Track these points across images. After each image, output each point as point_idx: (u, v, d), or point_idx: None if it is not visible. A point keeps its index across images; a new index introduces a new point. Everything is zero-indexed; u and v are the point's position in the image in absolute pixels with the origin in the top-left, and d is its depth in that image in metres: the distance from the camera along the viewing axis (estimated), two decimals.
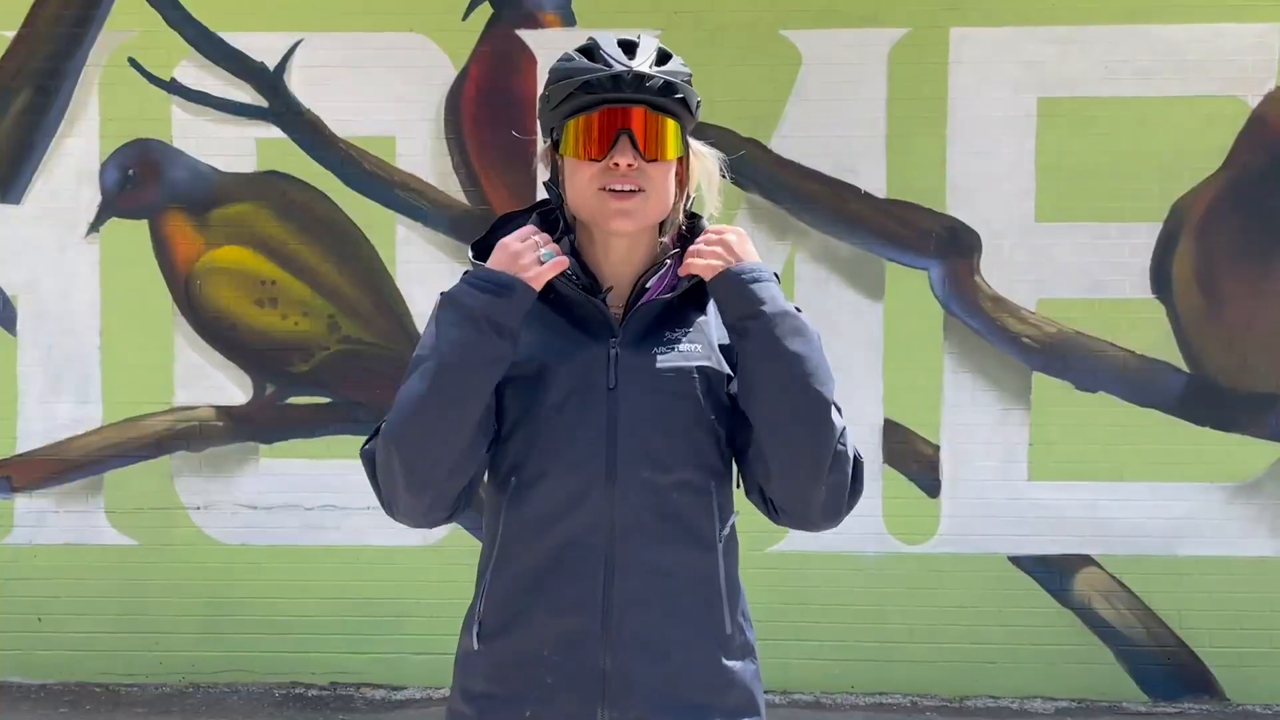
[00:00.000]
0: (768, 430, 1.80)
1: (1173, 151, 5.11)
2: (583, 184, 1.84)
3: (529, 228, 1.82)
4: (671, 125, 1.83)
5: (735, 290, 1.80)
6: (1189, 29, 5.08)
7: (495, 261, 1.79)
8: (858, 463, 1.86)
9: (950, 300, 5.18)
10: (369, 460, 1.85)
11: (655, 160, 1.82)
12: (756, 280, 1.80)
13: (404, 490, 1.80)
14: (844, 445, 1.82)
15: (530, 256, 1.77)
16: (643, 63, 1.81)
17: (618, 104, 1.80)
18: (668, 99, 1.82)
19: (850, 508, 1.88)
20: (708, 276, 1.81)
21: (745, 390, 1.81)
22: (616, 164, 1.80)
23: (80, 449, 5.31)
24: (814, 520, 1.86)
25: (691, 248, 1.83)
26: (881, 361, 5.17)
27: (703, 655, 1.85)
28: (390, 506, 1.85)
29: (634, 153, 1.81)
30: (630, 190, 1.82)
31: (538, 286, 1.77)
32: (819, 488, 1.81)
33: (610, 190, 1.82)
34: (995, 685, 5.17)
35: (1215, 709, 5.10)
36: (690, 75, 1.87)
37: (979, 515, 5.17)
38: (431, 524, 1.88)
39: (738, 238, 1.83)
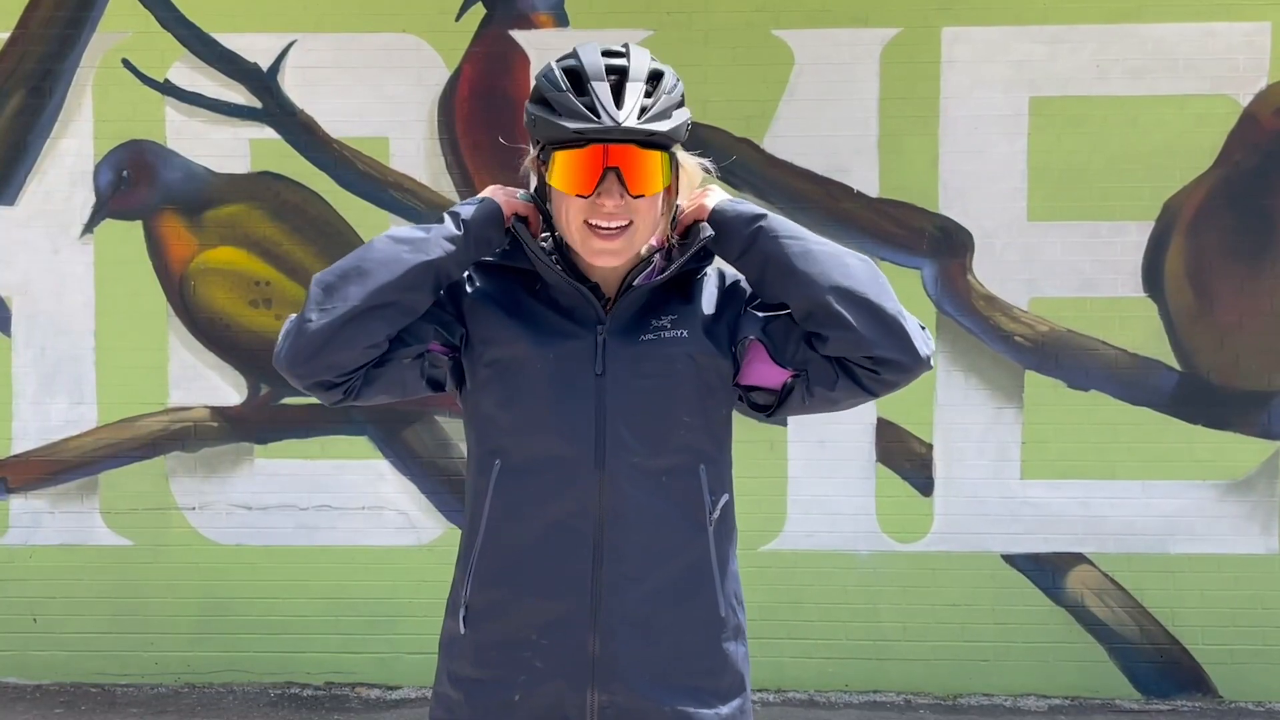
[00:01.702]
0: (819, 289, 1.80)
1: (1164, 150, 5.12)
2: (569, 215, 1.84)
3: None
4: (660, 158, 1.82)
5: (732, 216, 1.88)
6: (1179, 28, 5.10)
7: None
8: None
9: (943, 299, 5.19)
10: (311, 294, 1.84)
11: (642, 196, 1.82)
12: (736, 204, 1.90)
13: (309, 312, 1.79)
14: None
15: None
16: (632, 108, 1.78)
17: (605, 141, 1.79)
18: (657, 137, 1.81)
19: (927, 341, 1.85)
20: (704, 215, 1.89)
21: (781, 278, 1.83)
22: (603, 202, 1.81)
23: (75, 450, 5.32)
24: (909, 347, 1.82)
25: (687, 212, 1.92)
26: None
27: (695, 638, 1.87)
28: (286, 344, 1.81)
29: (621, 190, 1.80)
30: (616, 228, 1.82)
31: (504, 206, 1.88)
32: (887, 311, 1.81)
33: (595, 228, 1.82)
34: (988, 683, 5.19)
35: (1208, 706, 5.11)
36: (682, 98, 1.85)
37: (972, 514, 5.18)
38: (312, 379, 1.83)
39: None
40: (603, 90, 1.79)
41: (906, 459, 5.20)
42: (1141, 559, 5.15)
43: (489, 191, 1.90)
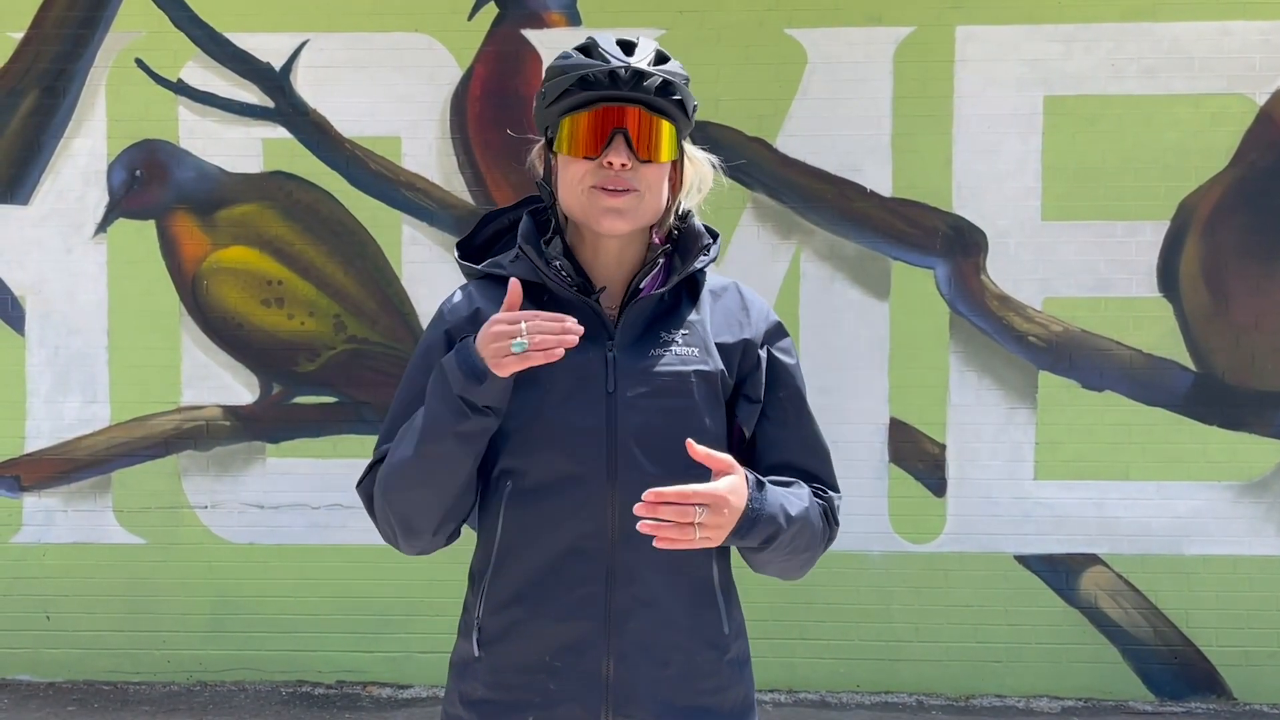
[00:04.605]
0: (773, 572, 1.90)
1: (1179, 149, 5.09)
2: (575, 181, 1.82)
3: (517, 306, 1.71)
4: (667, 127, 1.82)
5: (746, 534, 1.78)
6: (1195, 26, 5.07)
7: (479, 340, 1.72)
8: (832, 518, 1.94)
9: (956, 299, 5.17)
10: (366, 498, 1.89)
11: (650, 161, 1.81)
12: (758, 522, 1.76)
13: (400, 536, 1.86)
14: (823, 534, 1.90)
15: (503, 344, 1.68)
16: (641, 60, 1.79)
17: (614, 102, 1.79)
18: (665, 100, 1.80)
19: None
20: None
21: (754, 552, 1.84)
22: (610, 163, 1.79)
23: (88, 448, 5.33)
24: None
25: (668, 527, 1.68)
26: (887, 360, 5.17)
27: (703, 658, 1.86)
28: (390, 542, 1.91)
29: (628, 152, 1.79)
30: (623, 190, 1.81)
31: (503, 374, 1.70)
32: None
33: (602, 189, 1.81)
34: (1001, 684, 5.17)
35: (1222, 708, 5.09)
36: (688, 79, 1.86)
37: (985, 514, 5.16)
38: (431, 552, 1.93)
39: (717, 500, 1.70)
40: (612, 48, 1.81)
41: (919, 459, 5.18)
42: (1155, 560, 5.13)
43: (480, 349, 1.71)
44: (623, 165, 1.79)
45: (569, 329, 1.67)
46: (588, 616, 1.80)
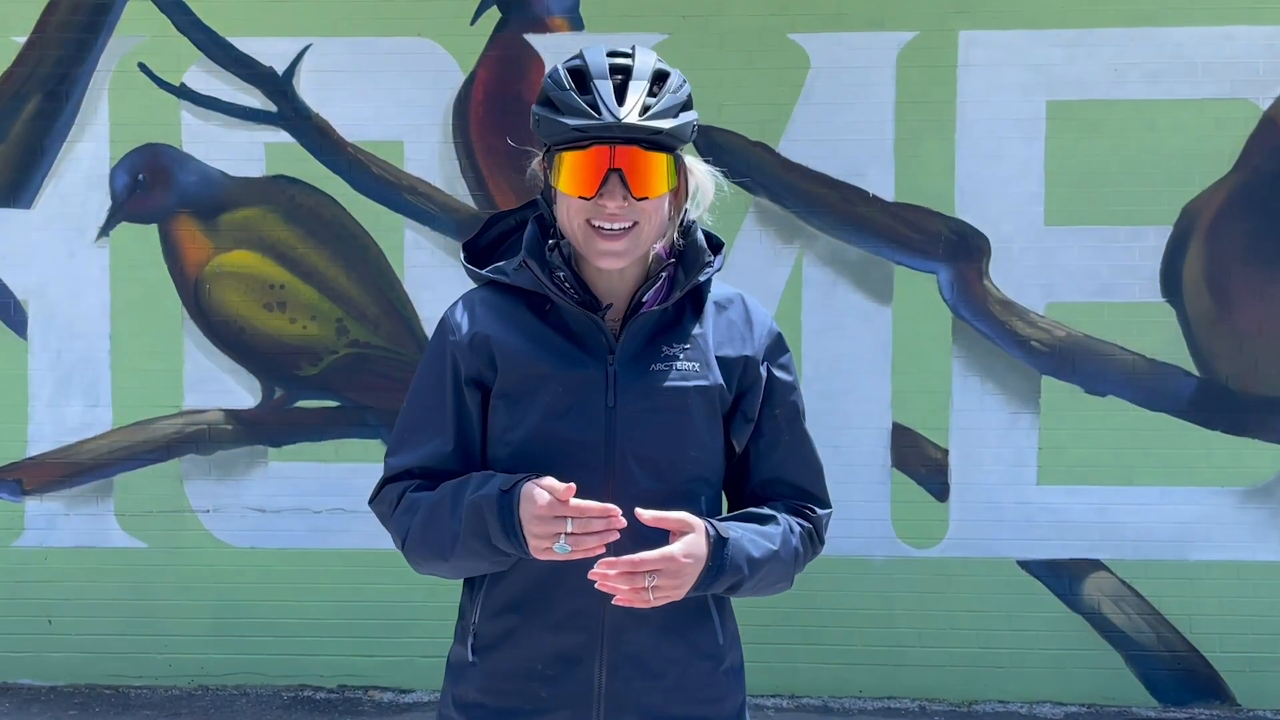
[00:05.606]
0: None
1: (1182, 155, 5.09)
2: (572, 214, 1.83)
3: (567, 497, 1.70)
4: (664, 160, 1.81)
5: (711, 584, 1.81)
6: (1198, 31, 5.06)
7: (525, 511, 1.72)
8: (817, 537, 1.97)
9: (959, 304, 5.17)
10: (383, 518, 1.92)
11: (646, 199, 1.81)
12: (719, 575, 1.80)
13: (420, 572, 1.93)
14: (802, 557, 1.93)
15: (545, 540, 1.71)
16: (634, 105, 1.77)
17: (609, 142, 1.78)
18: (660, 135, 1.80)
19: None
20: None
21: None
22: (606, 205, 1.79)
23: (90, 452, 5.33)
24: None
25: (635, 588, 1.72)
26: (890, 365, 5.16)
27: (697, 670, 1.87)
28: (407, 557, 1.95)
29: (624, 192, 1.79)
30: (620, 229, 1.81)
31: (540, 559, 1.74)
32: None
33: (598, 228, 1.81)
34: (1004, 690, 5.16)
35: (1225, 714, 5.07)
36: (688, 98, 1.84)
37: (988, 519, 5.15)
38: None
39: (670, 565, 1.74)
40: (605, 88, 1.78)
41: (922, 464, 5.17)
42: (1159, 565, 5.12)
43: (523, 521, 1.74)
44: (618, 206, 1.79)
45: (613, 525, 1.70)
46: (581, 628, 1.82)
